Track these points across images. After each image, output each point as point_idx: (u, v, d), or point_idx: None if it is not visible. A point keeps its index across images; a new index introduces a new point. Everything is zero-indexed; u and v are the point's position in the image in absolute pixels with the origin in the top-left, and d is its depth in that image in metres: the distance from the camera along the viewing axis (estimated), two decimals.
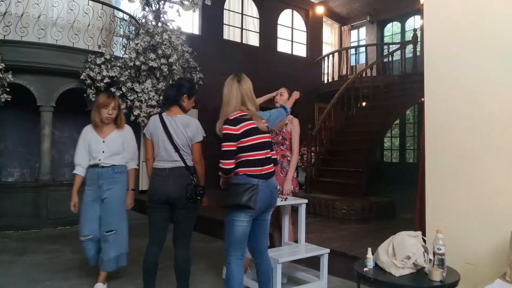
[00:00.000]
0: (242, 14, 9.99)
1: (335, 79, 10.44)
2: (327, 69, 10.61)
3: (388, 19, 11.72)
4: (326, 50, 11.63)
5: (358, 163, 6.42)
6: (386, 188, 7.78)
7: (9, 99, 5.07)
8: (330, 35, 12.34)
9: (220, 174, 2.46)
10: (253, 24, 10.23)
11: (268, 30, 10.33)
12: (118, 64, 5.87)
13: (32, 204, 5.51)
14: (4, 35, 5.32)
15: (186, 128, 2.73)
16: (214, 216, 4.95)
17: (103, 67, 5.75)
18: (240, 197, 2.31)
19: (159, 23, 6.22)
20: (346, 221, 5.27)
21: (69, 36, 5.70)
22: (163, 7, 6.30)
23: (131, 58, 5.83)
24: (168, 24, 6.26)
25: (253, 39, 10.19)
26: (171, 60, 5.98)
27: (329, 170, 6.89)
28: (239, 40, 9.89)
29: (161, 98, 5.81)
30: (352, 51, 11.56)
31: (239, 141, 2.38)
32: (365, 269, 2.21)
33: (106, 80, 5.75)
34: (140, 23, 6.22)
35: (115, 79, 5.82)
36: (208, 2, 6.55)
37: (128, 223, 3.23)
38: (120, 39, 6.52)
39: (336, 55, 10.75)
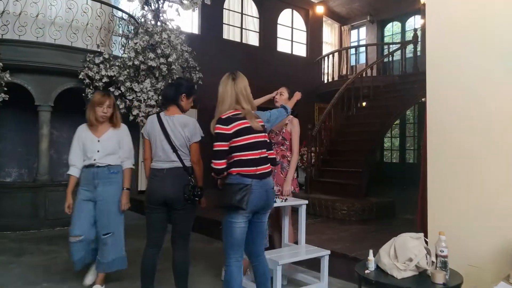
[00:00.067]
0: (242, 13, 9.96)
1: (335, 79, 10.42)
2: (327, 69, 10.58)
3: (388, 19, 11.70)
4: (326, 50, 11.61)
5: (358, 164, 6.39)
6: (386, 189, 7.75)
7: (6, 99, 5.03)
8: (330, 35, 12.31)
9: (212, 175, 2.41)
10: (252, 23, 10.21)
11: (268, 30, 10.30)
12: (117, 64, 5.84)
13: (30, 204, 5.49)
14: (2, 34, 5.31)
15: (184, 128, 2.70)
16: (212, 216, 4.91)
17: (101, 66, 5.72)
18: (233, 197, 2.26)
19: (158, 22, 6.19)
20: (347, 222, 5.25)
21: (67, 35, 5.67)
22: (162, 6, 6.27)
23: (130, 58, 5.79)
24: (168, 23, 6.23)
25: (252, 39, 10.17)
26: (170, 59, 5.95)
27: (329, 170, 6.86)
28: (238, 39, 9.86)
29: (160, 98, 5.78)
30: (352, 51, 11.54)
31: (231, 140, 2.33)
32: (366, 271, 2.18)
33: (105, 79, 5.72)
34: (139, 22, 6.19)
35: (113, 78, 5.79)
36: (207, 2, 6.52)
37: (125, 224, 3.17)
38: (119, 38, 6.50)
39: (336, 55, 10.73)
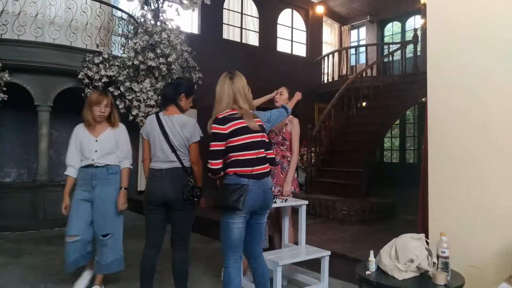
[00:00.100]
0: (242, 13, 9.94)
1: (335, 79, 10.40)
2: (327, 69, 10.56)
3: (388, 18, 11.68)
4: (326, 50, 11.58)
5: (359, 164, 6.38)
6: (386, 189, 7.73)
7: (5, 99, 5.02)
8: (330, 35, 12.29)
9: (209, 176, 2.39)
10: (252, 23, 10.19)
11: (267, 30, 10.28)
12: (116, 64, 5.82)
13: (29, 204, 5.47)
14: (1, 34, 5.29)
15: (183, 128, 2.67)
16: (212, 216, 4.89)
17: (101, 66, 5.70)
18: (229, 197, 2.24)
19: (158, 22, 6.17)
20: (347, 222, 5.23)
21: (66, 35, 5.65)
22: (162, 6, 6.25)
23: (130, 57, 5.78)
24: (167, 23, 6.22)
25: (252, 39, 10.14)
26: (170, 59, 5.93)
27: (329, 170, 6.85)
28: (238, 39, 9.84)
29: (159, 97, 5.76)
30: (352, 51, 11.52)
31: (227, 140, 2.31)
32: (367, 272, 2.17)
33: (104, 79, 5.70)
34: (139, 22, 6.17)
35: (113, 78, 5.77)
36: (207, 1, 6.51)
37: (124, 224, 3.14)
38: (118, 38, 6.47)
39: (336, 55, 10.71)
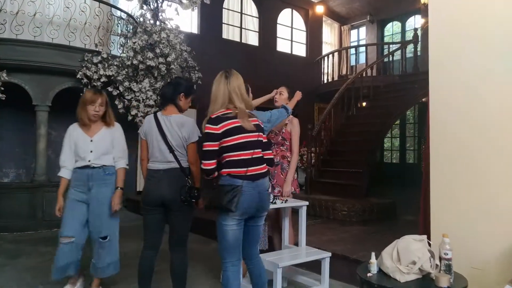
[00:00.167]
0: (241, 13, 9.91)
1: (335, 79, 10.37)
2: (327, 69, 10.54)
3: (388, 18, 11.65)
4: (326, 49, 11.55)
5: (359, 164, 6.35)
6: (386, 189, 7.71)
7: (3, 98, 5.00)
8: (330, 35, 12.26)
9: (204, 176, 2.35)
10: (252, 23, 10.16)
11: (267, 30, 10.25)
12: (115, 63, 5.79)
13: (27, 205, 5.44)
14: None
15: (181, 128, 2.64)
16: (211, 217, 4.85)
17: (100, 66, 5.67)
18: (222, 198, 2.21)
19: (157, 22, 6.14)
20: (347, 222, 5.20)
21: (65, 34, 5.62)
22: (161, 6, 6.22)
23: (129, 57, 5.75)
24: (166, 22, 6.19)
25: (252, 39, 10.11)
26: (169, 59, 5.90)
27: (329, 170, 6.82)
28: (238, 39, 9.81)
29: (158, 97, 5.73)
30: (352, 50, 11.49)
31: (221, 140, 2.26)
32: (368, 274, 2.13)
33: (103, 79, 5.67)
34: (138, 22, 6.14)
35: (112, 78, 5.74)
36: (207, 1, 6.48)
37: (119, 225, 3.08)
38: (117, 37, 6.44)
39: (336, 54, 10.69)
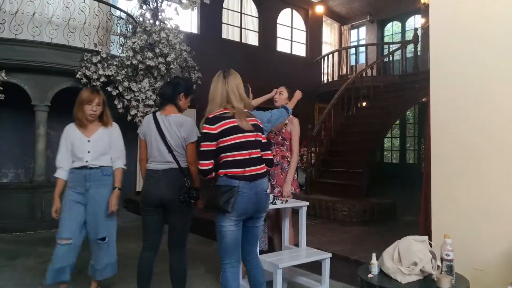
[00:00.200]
0: (241, 13, 9.90)
1: (335, 79, 10.35)
2: (327, 69, 10.52)
3: (388, 18, 11.64)
4: (325, 49, 11.54)
5: (359, 164, 6.33)
6: (386, 189, 7.70)
7: (2, 98, 4.98)
8: (329, 35, 12.25)
9: (201, 177, 2.33)
10: (252, 23, 10.14)
11: (267, 30, 10.24)
12: (115, 63, 5.77)
13: (26, 205, 5.42)
14: None
15: (180, 128, 2.62)
16: (210, 217, 4.84)
17: (99, 65, 5.65)
18: (219, 199, 2.19)
19: (157, 22, 6.13)
20: (347, 223, 5.18)
21: (64, 34, 5.60)
22: (161, 5, 6.21)
23: (128, 57, 5.73)
24: (166, 22, 6.17)
25: (252, 39, 10.10)
26: (168, 59, 5.88)
27: (329, 171, 6.80)
28: (238, 39, 9.79)
29: (158, 97, 5.71)
30: (352, 50, 11.47)
31: (218, 140, 2.24)
32: (369, 275, 2.11)
33: (103, 79, 5.65)
34: (138, 21, 6.12)
35: (111, 78, 5.72)
36: (206, 1, 6.47)
37: (117, 226, 3.05)
38: (117, 37, 6.42)
39: (336, 54, 10.67)
